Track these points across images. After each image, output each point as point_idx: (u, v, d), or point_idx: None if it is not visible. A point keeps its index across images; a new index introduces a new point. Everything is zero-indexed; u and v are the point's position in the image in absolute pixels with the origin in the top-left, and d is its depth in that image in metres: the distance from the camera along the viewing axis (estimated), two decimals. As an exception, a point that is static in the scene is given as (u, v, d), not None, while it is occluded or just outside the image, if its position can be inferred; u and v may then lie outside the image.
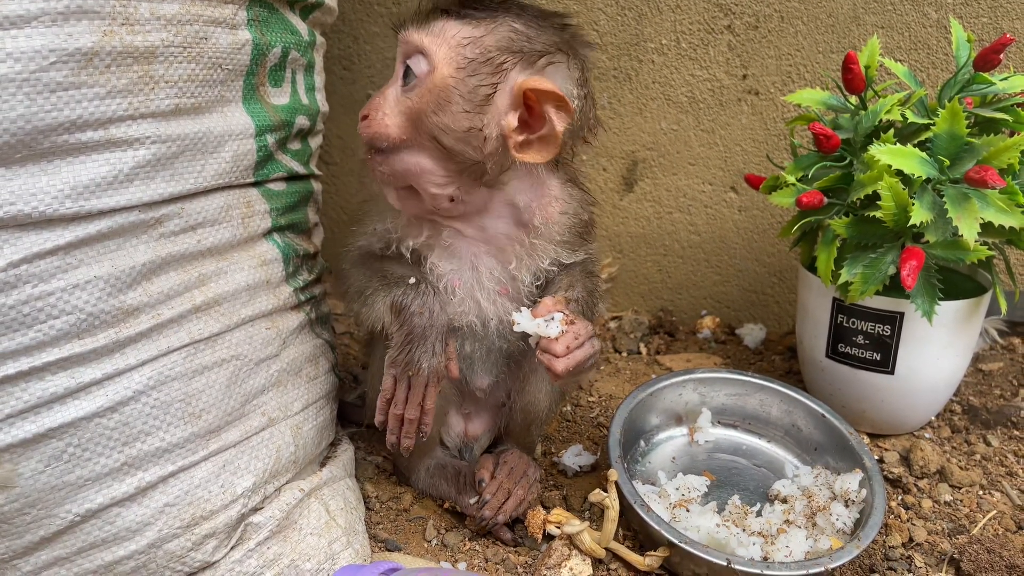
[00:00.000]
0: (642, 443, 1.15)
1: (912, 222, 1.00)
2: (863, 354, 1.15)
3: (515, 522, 1.02)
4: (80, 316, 0.72)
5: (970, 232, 0.98)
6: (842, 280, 1.09)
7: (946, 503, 1.09)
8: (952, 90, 1.11)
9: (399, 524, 1.04)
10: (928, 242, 1.05)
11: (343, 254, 1.00)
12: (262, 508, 0.89)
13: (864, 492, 1.01)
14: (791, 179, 1.15)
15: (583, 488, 1.10)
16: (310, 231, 1.08)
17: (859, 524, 0.97)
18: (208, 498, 0.83)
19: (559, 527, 0.96)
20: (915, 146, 1.05)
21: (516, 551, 0.99)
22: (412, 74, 0.85)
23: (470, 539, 1.01)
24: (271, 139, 0.93)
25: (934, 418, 1.28)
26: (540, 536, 0.97)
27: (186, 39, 0.78)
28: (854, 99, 1.17)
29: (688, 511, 1.00)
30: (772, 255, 1.57)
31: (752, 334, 1.57)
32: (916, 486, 1.12)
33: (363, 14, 1.58)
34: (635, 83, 1.51)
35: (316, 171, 1.09)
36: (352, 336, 1.53)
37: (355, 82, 1.63)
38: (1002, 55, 1.06)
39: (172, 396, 0.80)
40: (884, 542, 1.01)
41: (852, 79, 1.13)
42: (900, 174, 1.03)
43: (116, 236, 0.75)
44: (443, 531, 1.03)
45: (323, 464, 1.03)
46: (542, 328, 0.87)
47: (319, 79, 1.09)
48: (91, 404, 0.74)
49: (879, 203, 1.03)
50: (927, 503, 1.09)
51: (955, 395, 1.33)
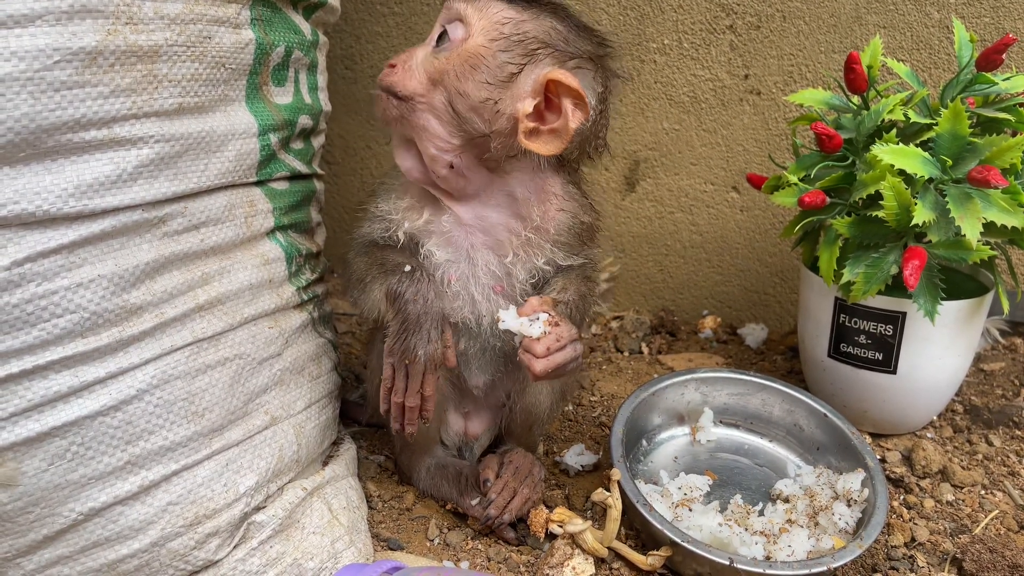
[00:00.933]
0: (644, 442, 1.15)
1: (914, 222, 1.00)
2: (865, 354, 1.15)
3: (518, 521, 1.02)
4: (83, 315, 0.72)
5: (972, 232, 0.98)
6: (844, 280, 1.09)
7: (948, 503, 1.09)
8: (954, 90, 1.11)
9: (401, 523, 1.04)
10: (930, 242, 1.05)
11: (350, 243, 1.01)
12: (265, 507, 0.89)
13: (866, 492, 1.01)
14: (793, 179, 1.15)
15: (585, 487, 1.10)
16: (312, 230, 1.08)
17: (861, 524, 0.97)
18: (211, 497, 0.83)
19: (562, 526, 0.96)
20: (917, 146, 1.05)
21: (518, 550, 0.99)
22: (446, 38, 0.88)
23: (472, 538, 1.01)
24: (274, 138, 0.93)
25: (936, 418, 1.28)
26: (543, 535, 0.97)
27: (190, 38, 0.79)
28: (856, 99, 1.17)
29: (690, 510, 1.00)
30: (774, 255, 1.57)
31: (754, 334, 1.57)
32: (918, 486, 1.12)
33: (365, 13, 1.58)
34: (637, 83, 1.51)
35: (319, 170, 1.09)
36: (354, 335, 1.53)
37: (357, 81, 1.63)
38: (1004, 55, 1.06)
39: (175, 395, 0.80)
40: (886, 542, 1.01)
41: (854, 79, 1.13)
42: (902, 174, 1.03)
43: (119, 235, 0.75)
44: (445, 530, 1.03)
45: (326, 463, 1.03)
46: (525, 327, 0.88)
47: (322, 78, 1.09)
48: (94, 403, 0.74)
49: (881, 203, 1.03)
50: (929, 503, 1.09)
51: (957, 395, 1.33)
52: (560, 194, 0.95)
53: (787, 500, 1.04)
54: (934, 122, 1.06)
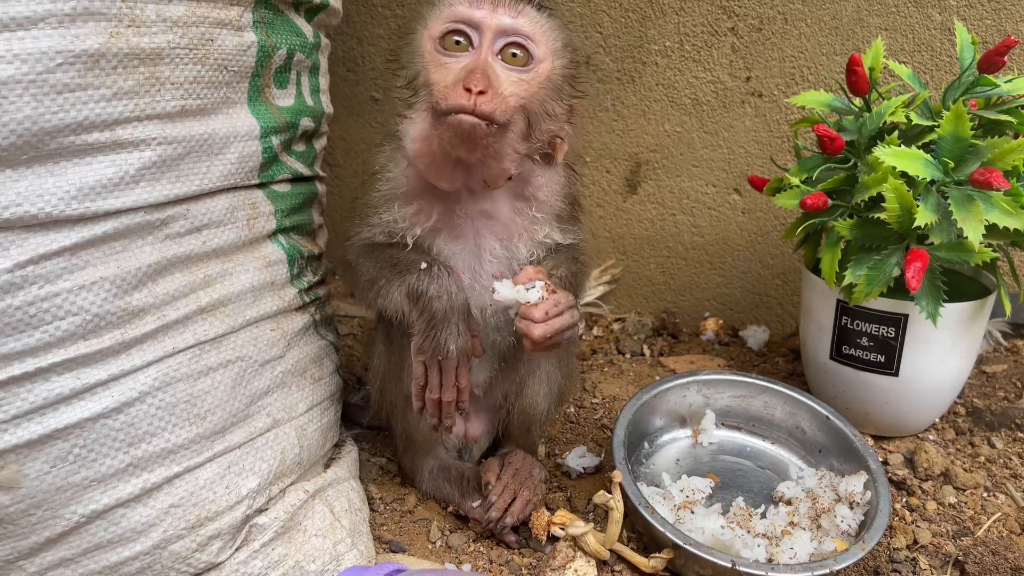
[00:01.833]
0: (646, 445, 1.15)
1: (916, 224, 1.00)
2: (867, 356, 1.15)
3: (520, 524, 1.02)
4: (86, 317, 0.72)
5: (975, 234, 0.98)
6: (846, 282, 1.09)
7: (951, 505, 1.09)
8: (956, 92, 1.11)
9: (403, 525, 1.04)
10: (932, 244, 1.05)
11: (347, 247, 1.00)
12: (267, 509, 0.89)
13: (869, 494, 1.01)
14: (795, 181, 1.15)
15: (587, 489, 1.10)
16: (314, 232, 1.08)
17: (864, 526, 0.97)
18: (213, 499, 0.83)
19: (563, 529, 0.96)
20: (919, 148, 1.05)
21: (520, 553, 0.99)
22: (514, 55, 0.87)
23: (474, 540, 1.01)
24: (276, 141, 0.93)
25: (938, 420, 1.28)
26: (544, 538, 0.97)
27: (192, 41, 0.79)
28: (858, 101, 1.17)
29: (692, 513, 1.00)
30: (776, 257, 1.57)
31: (756, 336, 1.56)
32: (921, 488, 1.12)
33: (367, 16, 1.58)
34: (638, 85, 1.51)
35: (320, 172, 1.09)
36: (355, 337, 1.53)
37: (359, 83, 1.63)
38: (1006, 57, 1.06)
39: (177, 397, 0.80)
40: (889, 544, 1.01)
41: (856, 81, 1.13)
42: (904, 176, 1.03)
43: (122, 237, 0.75)
44: (447, 532, 1.03)
45: (327, 465, 1.03)
46: (522, 294, 0.88)
47: (324, 81, 1.09)
48: (97, 405, 0.74)
49: (883, 205, 1.03)
50: (932, 505, 1.08)
51: (959, 397, 1.33)
52: (551, 169, 0.98)
53: (789, 502, 1.04)
54: (936, 124, 1.06)
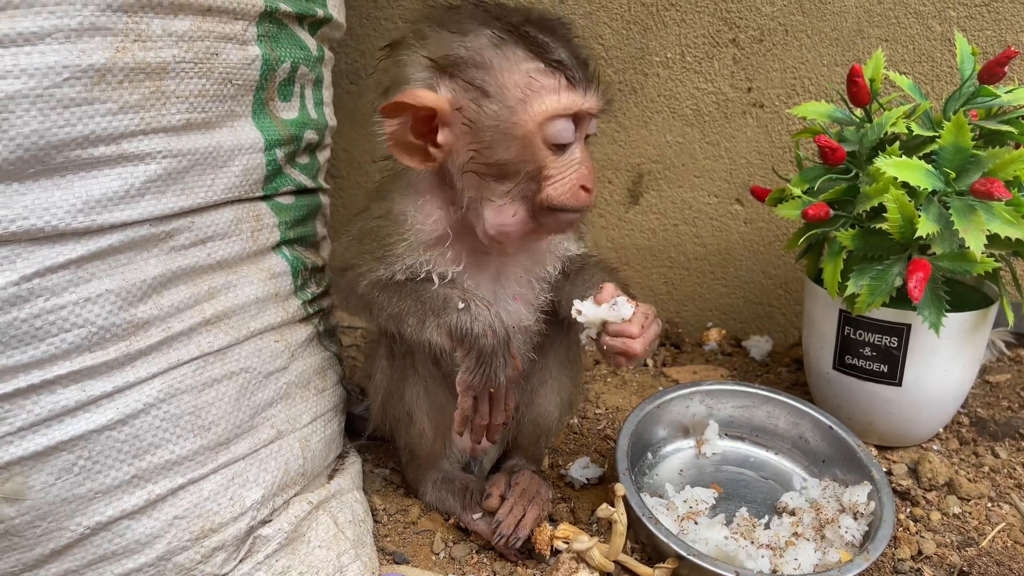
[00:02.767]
0: (649, 455, 1.15)
1: (918, 234, 1.00)
2: (870, 366, 1.15)
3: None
4: (91, 329, 0.73)
5: (976, 244, 0.98)
6: (849, 292, 1.09)
7: (955, 515, 1.09)
8: (957, 102, 1.12)
9: (407, 537, 1.04)
10: (934, 254, 1.05)
11: (351, 278, 0.96)
12: (271, 520, 0.89)
13: (873, 504, 1.01)
14: (797, 191, 1.16)
15: (590, 500, 1.10)
16: (318, 244, 1.08)
17: (868, 537, 0.97)
18: (217, 511, 0.83)
19: (567, 543, 0.96)
20: (921, 158, 1.05)
21: (524, 564, 0.99)
22: (587, 137, 0.87)
23: (477, 552, 1.01)
24: (280, 153, 0.94)
25: (942, 430, 1.28)
26: (547, 552, 0.97)
27: (197, 55, 0.79)
28: (859, 112, 1.17)
29: (696, 523, 1.00)
30: (778, 267, 1.57)
31: (758, 346, 1.56)
32: (925, 498, 1.12)
33: (370, 29, 1.59)
34: (640, 96, 1.52)
35: (324, 184, 1.09)
36: (359, 348, 1.53)
37: (362, 96, 1.64)
38: (1007, 68, 1.06)
39: (182, 409, 0.80)
40: (893, 555, 1.00)
41: (857, 92, 1.14)
42: (906, 186, 1.04)
43: (127, 250, 0.75)
44: (451, 544, 1.02)
45: (331, 476, 1.03)
46: (613, 312, 0.85)
47: (327, 93, 1.10)
48: (101, 417, 0.74)
49: (885, 215, 1.04)
50: (936, 515, 1.08)
51: (963, 407, 1.32)
52: None
53: (793, 513, 1.04)
54: (937, 135, 1.07)
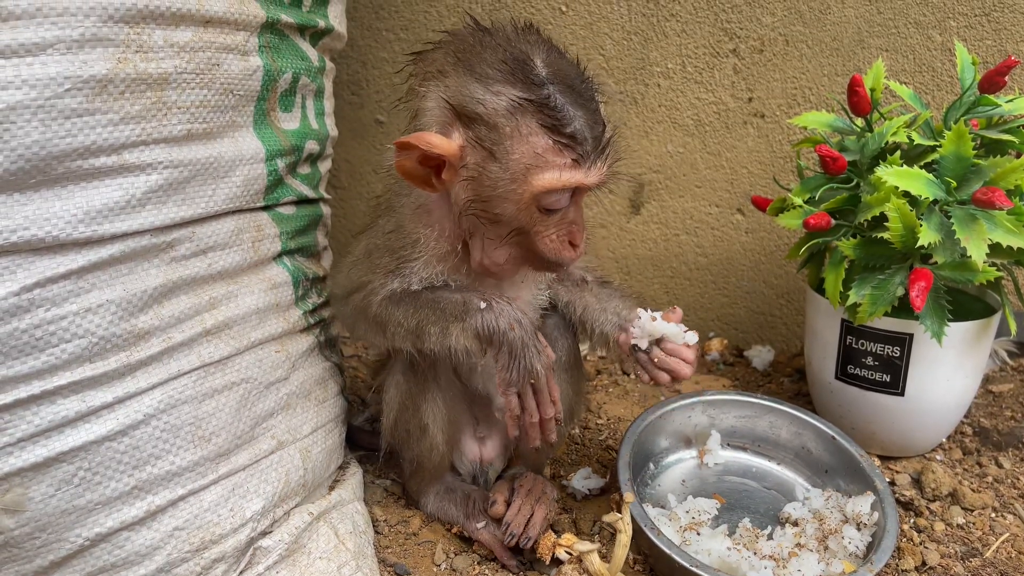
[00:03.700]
0: (651, 466, 1.15)
1: (920, 243, 1.00)
2: (872, 375, 1.15)
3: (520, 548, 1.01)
4: (92, 340, 0.73)
5: (978, 253, 0.98)
6: (850, 301, 1.08)
7: (959, 526, 1.08)
8: (958, 112, 1.12)
9: (408, 548, 1.03)
10: (936, 263, 1.05)
11: (360, 299, 0.95)
12: (271, 532, 0.89)
13: (876, 515, 1.00)
14: (798, 201, 1.16)
15: (592, 511, 1.10)
16: (319, 254, 1.08)
17: (871, 547, 0.96)
18: (217, 522, 0.82)
19: (569, 552, 0.95)
20: (922, 168, 1.05)
21: (526, 574, 0.98)
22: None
23: (479, 563, 1.01)
24: (281, 163, 0.94)
25: (945, 440, 1.27)
26: (549, 559, 0.96)
27: (199, 66, 0.79)
28: (860, 121, 1.17)
29: (699, 534, 0.99)
30: (779, 277, 1.57)
31: (760, 356, 1.56)
32: (928, 509, 1.11)
33: (371, 40, 1.59)
34: (641, 106, 1.52)
35: (325, 195, 1.09)
36: (360, 359, 1.53)
37: (363, 107, 1.64)
38: (1007, 77, 1.07)
39: (182, 419, 0.80)
40: (897, 565, 1.00)
41: (858, 101, 1.14)
42: (907, 195, 1.04)
43: (128, 260, 0.75)
44: (452, 555, 1.02)
45: (332, 487, 1.03)
46: (681, 334, 0.96)
47: (328, 104, 1.10)
48: (101, 428, 0.74)
49: (887, 224, 1.03)
50: (939, 526, 1.08)
51: (966, 417, 1.32)
52: None
53: (796, 523, 1.04)
54: (938, 144, 1.07)
